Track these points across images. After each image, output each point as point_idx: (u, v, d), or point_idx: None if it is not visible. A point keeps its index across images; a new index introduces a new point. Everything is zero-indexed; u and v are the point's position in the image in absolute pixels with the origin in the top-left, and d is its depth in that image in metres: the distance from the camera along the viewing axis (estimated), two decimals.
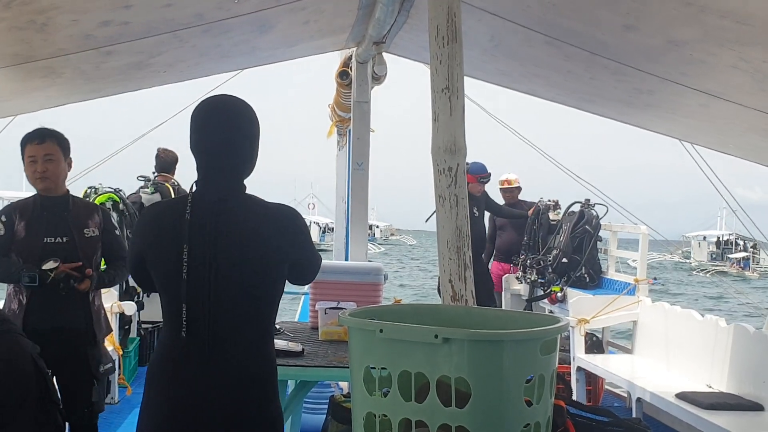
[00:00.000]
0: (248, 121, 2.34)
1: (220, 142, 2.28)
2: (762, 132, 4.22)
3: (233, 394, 2.23)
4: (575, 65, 4.17)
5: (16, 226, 3.31)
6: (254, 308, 2.27)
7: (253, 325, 2.28)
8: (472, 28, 3.98)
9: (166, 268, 2.24)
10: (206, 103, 2.34)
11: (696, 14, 2.78)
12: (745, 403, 4.56)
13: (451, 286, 2.46)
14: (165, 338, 2.31)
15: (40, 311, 3.30)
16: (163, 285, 2.28)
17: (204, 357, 2.22)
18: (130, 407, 5.58)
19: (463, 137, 2.48)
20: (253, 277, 2.23)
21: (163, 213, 2.36)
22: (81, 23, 3.27)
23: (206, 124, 2.30)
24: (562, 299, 6.49)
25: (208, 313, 2.21)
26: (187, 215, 2.22)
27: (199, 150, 2.31)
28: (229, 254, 2.21)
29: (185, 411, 2.23)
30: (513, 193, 7.90)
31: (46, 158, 3.35)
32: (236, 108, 2.33)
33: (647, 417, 5.38)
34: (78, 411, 3.36)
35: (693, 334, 5.38)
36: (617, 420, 2.80)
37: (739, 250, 51.40)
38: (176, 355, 2.26)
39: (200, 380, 2.22)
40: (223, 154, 2.29)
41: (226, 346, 2.23)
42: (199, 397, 2.22)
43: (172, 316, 2.25)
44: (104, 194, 6.22)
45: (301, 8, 4.21)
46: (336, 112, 7.52)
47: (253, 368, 2.27)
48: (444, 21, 2.47)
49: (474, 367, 1.71)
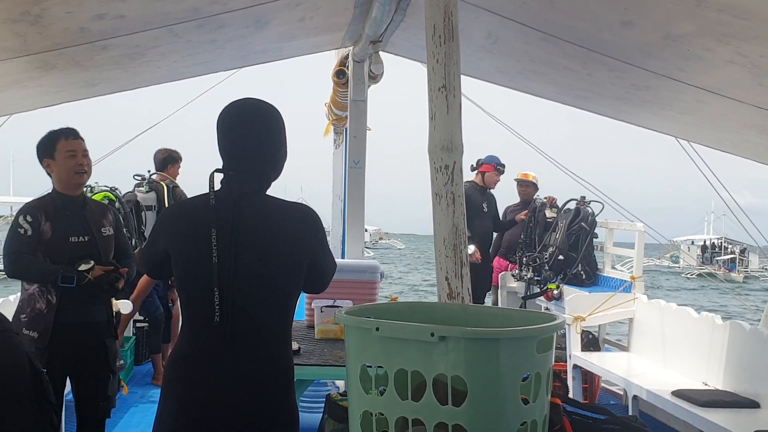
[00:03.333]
0: (275, 125, 2.38)
1: (248, 142, 2.33)
2: (758, 128, 4.23)
3: (256, 388, 2.24)
4: (572, 62, 4.16)
5: (42, 226, 3.32)
6: (275, 301, 2.28)
7: (274, 319, 2.29)
8: (469, 26, 3.97)
9: (193, 257, 2.25)
10: (232, 106, 2.38)
11: (693, 8, 2.78)
12: (741, 400, 4.57)
13: (447, 284, 2.45)
14: (187, 331, 2.31)
15: (70, 308, 3.35)
16: (189, 274, 2.27)
17: (223, 350, 2.23)
18: (126, 406, 5.57)
19: (460, 135, 2.48)
20: (273, 270, 2.25)
21: (189, 206, 2.42)
22: (75, 15, 3.25)
23: (235, 125, 2.35)
24: (558, 296, 6.49)
25: (229, 305, 2.22)
26: (212, 201, 2.26)
27: (225, 149, 2.36)
28: (250, 247, 2.24)
29: (203, 407, 2.23)
30: (528, 189, 7.90)
31: (85, 153, 3.43)
32: (265, 111, 2.38)
33: (643, 414, 5.39)
34: (95, 405, 3.44)
35: (689, 331, 5.38)
36: (614, 418, 2.80)
37: (727, 254, 52.16)
38: (197, 348, 2.26)
39: (219, 375, 2.23)
40: (249, 154, 2.33)
41: (245, 341, 2.24)
42: (218, 392, 2.22)
43: (199, 306, 2.24)
44: (100, 193, 6.19)
45: (296, 4, 4.21)
46: (333, 111, 7.52)
47: (275, 362, 2.29)
48: (441, 19, 2.47)
49: (470, 365, 1.70)
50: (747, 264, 51.94)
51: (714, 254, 53.52)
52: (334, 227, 8.58)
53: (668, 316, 5.73)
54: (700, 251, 53.96)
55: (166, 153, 6.57)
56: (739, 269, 48.04)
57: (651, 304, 6.01)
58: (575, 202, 6.93)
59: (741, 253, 52.41)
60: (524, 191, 7.92)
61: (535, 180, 7.92)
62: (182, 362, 2.30)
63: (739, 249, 52.67)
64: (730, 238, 54.66)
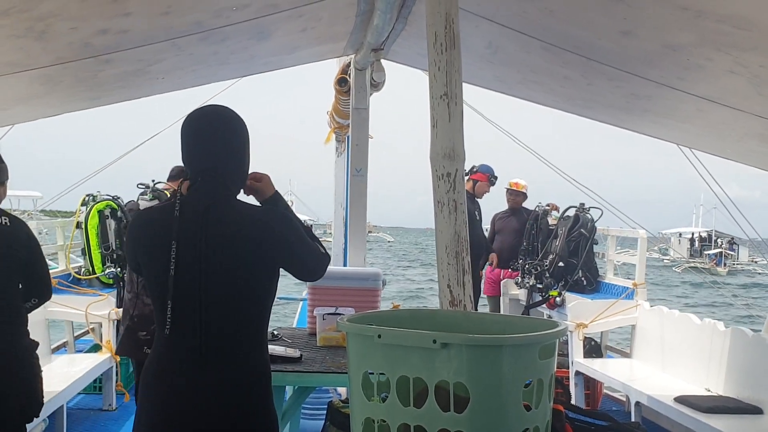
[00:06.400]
0: (235, 130, 2.38)
1: (208, 150, 2.32)
2: (759, 137, 4.24)
3: (223, 403, 2.21)
4: (572, 71, 4.18)
5: None
6: (244, 312, 2.27)
7: (242, 330, 2.27)
8: (470, 35, 3.99)
9: (156, 268, 2.24)
10: (195, 113, 2.38)
11: (692, 19, 2.79)
12: (743, 406, 4.57)
13: (449, 291, 2.46)
14: (156, 343, 2.32)
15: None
16: (153, 285, 2.29)
17: (193, 362, 2.21)
18: (128, 414, 5.58)
19: (462, 143, 2.50)
20: (241, 280, 2.24)
21: (154, 215, 2.39)
22: (80, 31, 3.28)
23: (195, 134, 2.34)
24: (560, 304, 6.49)
25: (196, 315, 2.21)
26: (176, 212, 2.24)
27: (188, 159, 2.35)
28: (216, 258, 2.22)
29: (173, 419, 2.22)
30: (518, 198, 7.92)
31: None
32: (223, 117, 2.37)
33: (646, 421, 5.39)
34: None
35: (691, 337, 5.39)
36: (616, 424, 2.80)
37: (717, 247, 52.39)
38: (163, 360, 2.26)
39: (189, 387, 2.21)
40: (211, 162, 2.32)
41: (216, 352, 2.22)
42: (189, 405, 2.21)
43: (160, 316, 2.25)
44: (102, 201, 6.25)
45: (298, 15, 4.23)
46: (334, 119, 7.54)
47: (244, 376, 2.26)
48: (442, 28, 2.48)
49: (472, 372, 1.71)
50: (736, 257, 52.25)
51: (704, 247, 53.60)
52: (336, 235, 8.59)
53: (670, 322, 5.73)
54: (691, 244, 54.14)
55: (181, 169, 6.61)
56: (726, 263, 48.25)
57: (653, 311, 6.01)
58: (574, 209, 6.95)
59: (729, 246, 52.61)
60: (513, 200, 7.94)
61: (525, 189, 7.94)
62: (150, 375, 2.29)
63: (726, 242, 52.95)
64: (719, 231, 54.87)
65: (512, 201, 7.93)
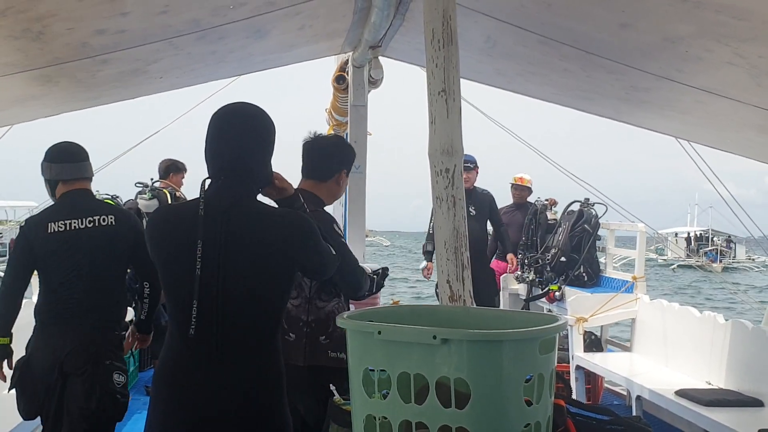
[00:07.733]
0: (263, 128, 2.36)
1: (234, 147, 2.30)
2: (758, 128, 4.23)
3: (240, 402, 2.22)
4: (571, 64, 4.18)
5: None
6: (260, 313, 2.26)
7: (260, 330, 2.27)
8: (468, 30, 3.99)
9: (178, 266, 2.23)
10: (221, 110, 2.35)
11: (691, 10, 2.79)
12: (744, 399, 4.57)
13: (449, 287, 2.46)
14: (171, 340, 2.31)
15: None
16: (173, 283, 2.27)
17: (211, 361, 2.21)
18: (130, 413, 5.56)
19: (460, 139, 2.49)
20: (259, 281, 2.24)
21: (176, 212, 2.38)
22: (77, 31, 3.27)
23: (222, 130, 2.32)
24: (560, 298, 6.49)
25: (217, 314, 2.20)
26: (201, 211, 2.23)
27: (212, 155, 2.32)
28: (236, 258, 2.21)
29: (190, 417, 2.22)
30: (522, 192, 7.92)
31: None
32: (252, 114, 2.36)
33: (647, 414, 5.39)
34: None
35: (691, 330, 5.38)
36: (617, 418, 2.80)
37: (714, 245, 52.69)
38: (183, 358, 2.25)
39: (206, 385, 2.21)
40: (236, 159, 2.29)
41: (233, 351, 2.22)
42: (205, 403, 2.21)
43: (180, 316, 2.24)
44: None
45: (295, 13, 4.22)
46: (333, 116, 7.53)
47: (266, 371, 2.27)
48: (439, 24, 2.48)
49: (473, 368, 1.71)
50: (734, 255, 52.48)
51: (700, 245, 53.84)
52: None
53: (670, 315, 5.73)
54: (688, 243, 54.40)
55: (169, 162, 6.64)
56: (722, 260, 48.57)
57: (653, 305, 6.01)
58: (579, 204, 6.94)
59: (726, 244, 52.81)
60: (519, 194, 7.94)
61: (530, 184, 7.94)
62: (165, 374, 2.29)
63: (723, 240, 53.18)
64: (715, 230, 55.02)
65: (517, 196, 7.93)
